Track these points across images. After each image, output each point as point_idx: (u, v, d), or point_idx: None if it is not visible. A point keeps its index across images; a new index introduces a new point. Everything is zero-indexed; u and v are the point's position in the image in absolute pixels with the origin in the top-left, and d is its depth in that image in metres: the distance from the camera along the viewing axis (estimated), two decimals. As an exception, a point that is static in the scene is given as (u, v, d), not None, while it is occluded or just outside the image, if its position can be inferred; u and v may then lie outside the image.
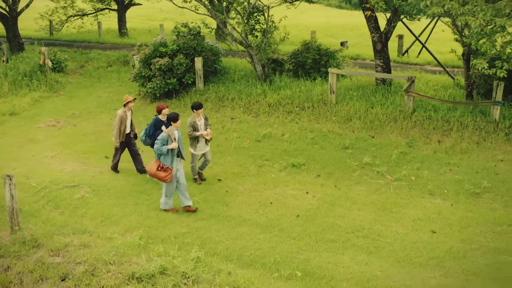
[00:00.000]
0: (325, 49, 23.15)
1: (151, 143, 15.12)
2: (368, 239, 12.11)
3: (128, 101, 15.57)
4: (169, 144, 13.10)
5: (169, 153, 13.20)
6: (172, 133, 13.24)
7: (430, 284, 10.29)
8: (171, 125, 13.37)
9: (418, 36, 26.39)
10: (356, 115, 19.05)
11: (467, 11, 15.18)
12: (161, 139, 13.05)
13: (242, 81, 22.72)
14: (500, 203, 13.90)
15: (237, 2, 21.86)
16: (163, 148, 13.00)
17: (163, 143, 13.03)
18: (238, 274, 9.96)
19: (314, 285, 10.05)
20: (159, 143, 13.03)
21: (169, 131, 13.19)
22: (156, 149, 13.08)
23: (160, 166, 13.11)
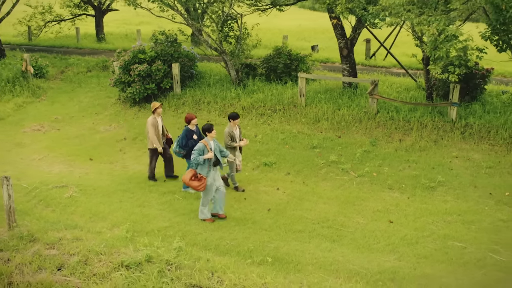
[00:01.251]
0: (295, 54, 24.46)
1: (184, 153, 15.60)
2: (332, 229, 13.49)
3: (156, 108, 16.30)
4: (205, 154, 13.62)
5: (205, 163, 13.60)
6: (208, 143, 13.72)
7: (384, 266, 11.67)
8: (206, 136, 13.89)
9: (384, 40, 27.87)
10: (324, 116, 20.41)
11: (423, 21, 16.64)
12: (197, 150, 13.51)
13: (217, 85, 23.96)
14: (452, 196, 15.39)
15: (212, 11, 23.08)
16: (200, 158, 13.44)
17: (199, 153, 13.49)
18: (216, 260, 11.23)
19: (283, 269, 11.36)
20: (195, 153, 13.47)
21: (205, 141, 13.68)
22: (193, 159, 13.51)
23: (195, 176, 13.62)
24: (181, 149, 15.55)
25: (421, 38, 19.66)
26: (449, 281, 11.17)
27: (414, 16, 16.82)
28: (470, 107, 20.16)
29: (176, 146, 15.59)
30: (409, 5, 17.23)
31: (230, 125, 15.47)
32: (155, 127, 16.29)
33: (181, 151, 15.57)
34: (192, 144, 15.21)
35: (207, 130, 13.87)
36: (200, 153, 13.52)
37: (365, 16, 18.92)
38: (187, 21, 23.07)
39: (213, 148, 13.75)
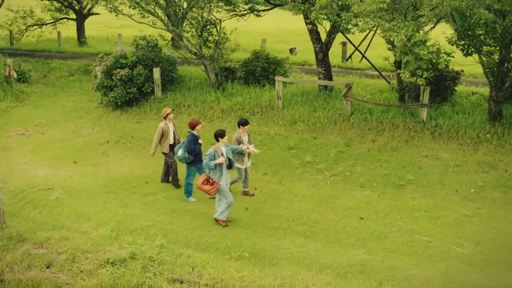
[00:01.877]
0: (273, 57, 25.22)
1: (193, 159, 15.78)
2: (306, 226, 14.28)
3: (167, 113, 16.65)
4: (216, 159, 13.99)
5: (217, 167, 13.92)
6: (219, 148, 14.04)
7: (354, 259, 12.47)
8: (219, 141, 14.21)
9: (359, 44, 28.69)
10: (300, 118, 21.19)
11: (392, 27, 17.47)
12: (209, 155, 13.83)
13: (197, 88, 24.66)
14: (420, 193, 16.24)
15: (191, 17, 23.76)
16: (211, 163, 13.73)
17: (211, 158, 13.83)
18: (196, 256, 11.97)
19: (259, 263, 12.11)
20: (207, 158, 13.80)
21: (216, 147, 14.01)
22: (204, 164, 13.84)
23: (207, 180, 13.93)
24: (190, 155, 15.66)
25: (392, 43, 20.49)
26: (414, 272, 11.99)
27: (384, 23, 17.65)
28: (440, 108, 21.05)
29: (183, 152, 15.66)
30: (380, 12, 18.07)
31: (239, 131, 15.73)
32: (165, 132, 16.62)
33: (190, 156, 15.69)
34: (199, 149, 15.73)
35: (219, 136, 14.18)
36: (212, 158, 13.86)
37: (338, 22, 19.73)
38: (167, 27, 23.72)
39: (224, 153, 14.09)
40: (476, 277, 11.92)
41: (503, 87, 19.28)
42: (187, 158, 15.71)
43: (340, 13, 19.35)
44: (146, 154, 19.80)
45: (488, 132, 19.34)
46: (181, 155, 15.66)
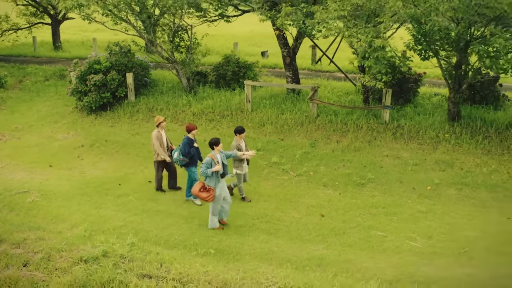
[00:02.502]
0: (243, 61, 26.04)
1: (187, 161, 16.35)
2: (270, 223, 15.13)
3: (160, 122, 17.13)
4: (213, 167, 14.47)
5: (213, 175, 14.42)
6: (215, 156, 14.52)
7: (313, 254, 13.34)
8: (214, 149, 14.63)
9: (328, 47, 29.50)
10: (268, 121, 22.03)
11: (353, 33, 18.39)
12: (205, 163, 14.30)
13: (169, 92, 25.40)
14: (380, 191, 17.18)
15: (162, 23, 24.46)
16: (208, 171, 14.22)
17: (207, 166, 14.28)
18: (164, 253, 12.73)
19: (224, 259, 12.92)
20: (203, 167, 14.25)
21: (212, 155, 14.45)
22: (201, 172, 14.28)
23: (203, 187, 14.46)
24: (184, 158, 16.19)
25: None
26: (368, 265, 12.87)
27: (345, 29, 18.56)
28: (402, 109, 22.02)
29: (179, 154, 16.24)
30: (342, 19, 18.98)
31: (237, 139, 16.24)
32: (160, 140, 17.15)
33: (185, 159, 16.22)
34: (194, 152, 16.35)
35: (214, 144, 14.62)
36: (208, 166, 14.31)
37: (303, 29, 20.60)
38: (140, 33, 24.42)
39: (220, 161, 14.55)
40: (426, 269, 12.82)
41: (461, 89, 20.25)
42: (182, 160, 16.25)
43: (304, 20, 20.20)
44: (119, 157, 20.57)
45: (447, 132, 20.33)
46: (176, 157, 16.30)
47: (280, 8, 21.18)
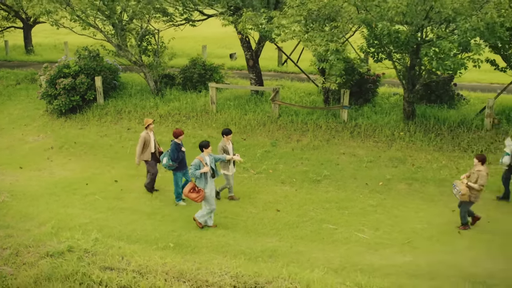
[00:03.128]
0: (209, 64, 26.89)
1: (176, 166, 16.83)
2: (228, 218, 16.03)
3: (148, 124, 17.67)
4: (201, 168, 15.06)
5: (202, 176, 14.95)
6: (204, 158, 15.05)
7: (267, 246, 14.26)
8: (203, 151, 15.22)
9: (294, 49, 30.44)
10: (232, 121, 22.91)
11: (309, 37, 19.32)
12: (194, 165, 14.83)
13: (138, 95, 26.16)
14: (334, 187, 18.16)
15: (129, 28, 25.19)
16: (196, 172, 14.79)
17: (196, 168, 14.84)
18: (126, 247, 13.58)
19: (182, 251, 13.78)
20: (192, 168, 14.80)
21: (200, 157, 14.99)
22: (190, 173, 14.87)
23: (193, 188, 14.99)
24: (173, 162, 16.67)
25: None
26: (317, 255, 13.82)
27: (302, 34, 19.50)
28: (361, 109, 23.00)
29: (168, 160, 16.69)
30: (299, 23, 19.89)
31: (224, 140, 16.83)
32: (146, 141, 17.56)
33: (174, 164, 16.71)
34: (182, 157, 16.97)
35: (204, 146, 15.18)
36: (197, 167, 14.85)
37: (262, 33, 21.52)
38: (107, 38, 25.16)
39: (208, 162, 15.11)
40: (370, 257, 13.82)
41: (414, 89, 21.27)
42: (172, 166, 16.77)
43: (264, 24, 21.07)
44: (87, 158, 21.34)
45: (402, 130, 21.36)
46: (165, 163, 16.75)
47: (242, 13, 22.06)
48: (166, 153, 16.90)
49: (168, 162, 16.70)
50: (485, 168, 15.18)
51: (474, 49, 17.88)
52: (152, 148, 17.77)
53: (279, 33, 20.90)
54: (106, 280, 12.13)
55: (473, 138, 20.83)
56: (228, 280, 11.86)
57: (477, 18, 17.13)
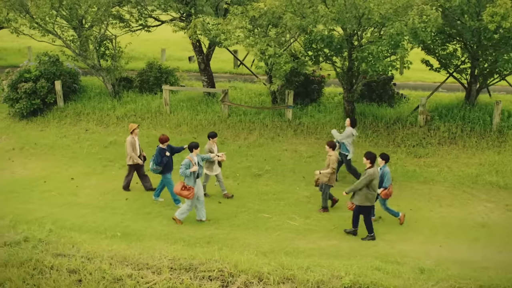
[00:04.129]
0: (165, 67, 28.32)
1: (161, 169, 17.87)
2: (173, 211, 17.50)
3: (134, 129, 18.73)
4: (191, 168, 16.27)
5: (191, 175, 16.18)
6: (193, 158, 16.31)
7: (205, 233, 15.84)
8: (192, 152, 16.49)
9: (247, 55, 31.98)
10: (184, 122, 24.41)
11: (250, 42, 20.90)
12: (184, 164, 16.04)
13: (96, 97, 27.48)
14: (273, 180, 19.80)
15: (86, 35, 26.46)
16: (187, 171, 16.00)
17: (186, 167, 16.05)
18: (77, 237, 14.99)
19: (128, 240, 15.24)
20: (183, 168, 16.00)
21: (190, 157, 16.22)
22: (181, 172, 16.06)
23: (184, 186, 16.21)
24: (158, 166, 17.73)
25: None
26: (250, 241, 15.42)
27: (243, 39, 21.07)
28: (305, 108, 24.64)
29: (153, 164, 17.78)
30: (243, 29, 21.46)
31: (210, 143, 18.15)
32: (133, 146, 18.71)
33: (158, 167, 17.78)
34: (166, 161, 18.08)
35: (194, 147, 16.49)
36: (187, 167, 16.06)
37: (209, 38, 23.06)
38: (66, 44, 26.46)
39: (197, 162, 16.40)
40: (298, 242, 15.46)
41: (352, 89, 22.96)
42: (156, 169, 17.83)
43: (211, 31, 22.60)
44: (47, 158, 22.67)
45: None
46: (151, 166, 17.88)
47: (190, 20, 23.57)
48: (152, 157, 18.02)
49: (153, 166, 17.82)
50: (335, 153, 17.28)
51: (399, 52, 19.61)
52: (137, 152, 18.91)
53: (226, 38, 22.46)
54: (57, 265, 13.51)
55: (407, 134, 22.60)
56: (166, 262, 13.33)
57: (400, 24, 18.83)
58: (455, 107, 23.95)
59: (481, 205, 18.17)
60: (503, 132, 22.31)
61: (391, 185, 16.61)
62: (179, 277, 12.81)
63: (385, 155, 16.64)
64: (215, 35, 22.14)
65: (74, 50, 26.45)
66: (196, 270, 13.00)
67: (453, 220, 17.14)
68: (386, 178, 16.33)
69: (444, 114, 23.56)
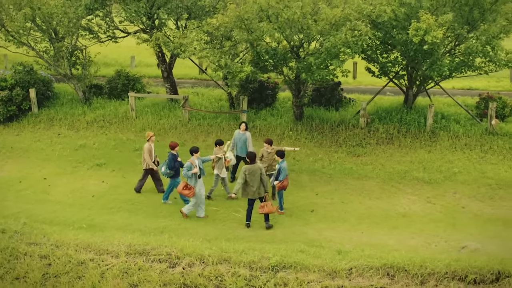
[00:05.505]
0: (132, 75, 30.64)
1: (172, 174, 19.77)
2: (134, 205, 19.96)
3: (150, 136, 20.81)
4: (192, 169, 18.59)
5: (193, 176, 18.51)
6: (194, 161, 18.60)
7: (160, 225, 18.26)
8: (193, 155, 18.82)
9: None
10: (148, 126, 26.78)
11: (205, 54, 23.30)
12: (186, 167, 18.40)
13: (68, 104, 29.71)
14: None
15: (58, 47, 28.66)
16: (189, 173, 18.36)
17: (188, 169, 18.41)
18: (48, 229, 17.29)
19: (92, 231, 17.56)
20: (185, 170, 18.34)
21: (191, 160, 18.55)
22: (184, 174, 18.46)
23: (186, 186, 18.54)
24: (170, 171, 19.65)
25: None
26: (198, 230, 17.84)
27: (198, 51, 23.45)
28: (259, 112, 27.11)
29: (166, 168, 19.68)
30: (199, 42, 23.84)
31: (216, 150, 20.21)
32: (150, 152, 20.68)
33: (171, 172, 19.69)
34: (178, 165, 19.88)
35: (194, 151, 18.89)
36: (189, 169, 18.40)
37: (169, 50, 25.48)
38: (39, 55, 28.70)
39: (197, 165, 18.63)
40: (240, 231, 17.95)
41: (299, 95, 25.48)
42: (169, 173, 19.75)
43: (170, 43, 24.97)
44: (22, 160, 24.91)
45: (290, 129, 25.57)
46: (164, 171, 19.82)
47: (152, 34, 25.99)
48: (164, 163, 19.96)
49: (166, 170, 19.74)
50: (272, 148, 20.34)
51: (335, 63, 22.15)
52: (152, 157, 20.80)
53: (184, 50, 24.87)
54: (30, 252, 15.82)
55: (349, 135, 25.19)
56: (123, 248, 15.70)
57: (334, 38, 21.36)
58: (394, 110, 26.62)
59: (405, 198, 20.79)
60: (436, 132, 24.97)
61: (287, 178, 19.23)
62: (134, 260, 15.20)
63: (281, 151, 19.34)
64: (174, 47, 24.51)
65: (47, 61, 28.66)
66: (148, 254, 15.38)
67: (378, 211, 19.76)
68: (282, 173, 19.00)
69: (384, 116, 26.21)
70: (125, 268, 14.95)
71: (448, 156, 23.55)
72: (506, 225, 18.81)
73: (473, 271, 14.10)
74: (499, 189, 21.25)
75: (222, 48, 23.71)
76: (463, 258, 14.87)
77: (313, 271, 14.46)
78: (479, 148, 24.05)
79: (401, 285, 14.11)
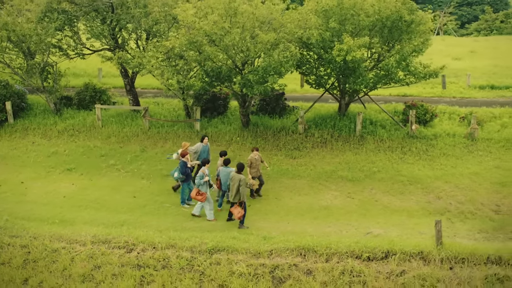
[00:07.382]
0: (99, 87, 34.10)
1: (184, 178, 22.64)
2: (99, 204, 23.57)
3: (186, 147, 23.91)
4: (204, 178, 21.40)
5: (205, 183, 21.49)
6: (205, 171, 21.59)
7: (120, 219, 21.89)
8: (204, 166, 21.84)
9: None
10: (113, 134, 30.31)
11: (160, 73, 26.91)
12: (199, 176, 21.36)
13: (41, 114, 32.98)
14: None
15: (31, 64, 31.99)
16: (201, 181, 21.29)
17: (201, 178, 21.33)
18: (26, 224, 20.77)
19: (63, 225, 21.08)
20: (198, 178, 21.36)
21: (203, 170, 21.61)
22: (197, 182, 21.39)
23: (198, 192, 21.29)
24: (183, 176, 22.57)
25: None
26: (153, 223, 21.51)
27: (154, 70, 27.06)
28: (212, 121, 30.80)
29: (179, 174, 22.65)
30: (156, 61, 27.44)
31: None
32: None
33: (183, 177, 22.59)
34: (189, 171, 22.94)
35: (206, 163, 22.06)
36: (201, 178, 21.39)
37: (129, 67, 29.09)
38: (14, 71, 32.07)
39: (208, 174, 21.74)
40: (188, 223, 21.66)
41: (245, 105, 29.23)
42: (181, 178, 22.66)
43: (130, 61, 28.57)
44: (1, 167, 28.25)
45: (238, 135, 29.28)
46: (177, 176, 22.87)
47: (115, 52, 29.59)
48: (176, 168, 22.96)
49: (179, 175, 22.72)
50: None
51: (270, 79, 25.90)
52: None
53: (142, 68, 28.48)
54: (12, 243, 19.33)
55: (288, 139, 28.99)
56: (89, 238, 19.31)
57: (268, 59, 25.16)
58: (329, 117, 30.53)
59: (329, 194, 24.66)
60: (364, 137, 28.91)
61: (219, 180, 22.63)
62: (98, 247, 18.85)
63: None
64: (134, 65, 28.14)
65: (21, 76, 32.07)
66: (110, 242, 19.03)
67: (304, 205, 23.62)
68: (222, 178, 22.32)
69: (320, 123, 30.09)
70: (90, 254, 18.54)
71: (372, 157, 27.47)
72: (409, 215, 22.77)
73: (367, 250, 17.97)
74: (410, 185, 25.21)
75: (176, 66, 27.34)
76: (362, 241, 18.72)
77: (241, 252, 18.19)
78: (399, 150, 28.01)
79: (310, 262, 17.90)
